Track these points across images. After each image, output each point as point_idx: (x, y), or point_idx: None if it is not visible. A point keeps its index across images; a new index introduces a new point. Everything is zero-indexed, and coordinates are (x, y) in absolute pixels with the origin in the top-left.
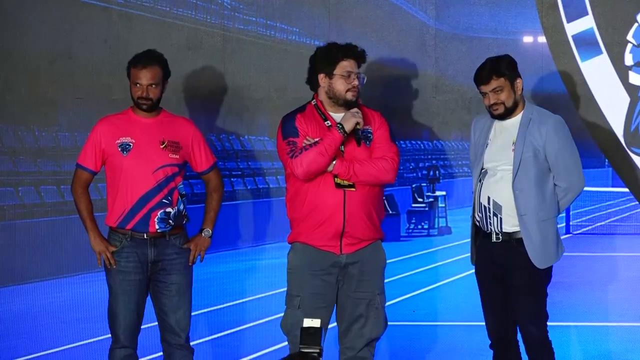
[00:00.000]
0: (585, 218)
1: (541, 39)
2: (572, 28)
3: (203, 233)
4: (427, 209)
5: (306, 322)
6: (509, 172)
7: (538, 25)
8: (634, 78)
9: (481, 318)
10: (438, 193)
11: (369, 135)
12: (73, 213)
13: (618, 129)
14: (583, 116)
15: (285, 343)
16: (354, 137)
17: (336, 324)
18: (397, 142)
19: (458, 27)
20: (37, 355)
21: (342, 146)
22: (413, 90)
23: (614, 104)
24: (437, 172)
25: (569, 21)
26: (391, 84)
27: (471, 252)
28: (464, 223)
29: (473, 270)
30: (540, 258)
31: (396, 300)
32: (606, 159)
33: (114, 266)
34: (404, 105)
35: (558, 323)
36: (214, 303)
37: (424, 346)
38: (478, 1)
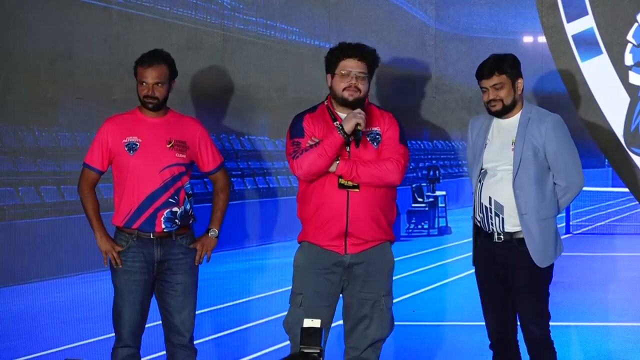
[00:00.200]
0: (585, 218)
1: (541, 39)
2: (572, 28)
3: (209, 233)
4: (427, 209)
5: (306, 322)
6: (509, 172)
7: (538, 25)
8: (634, 78)
9: (481, 318)
10: (438, 193)
11: (377, 136)
12: (73, 213)
13: (618, 129)
14: (583, 116)
15: (288, 342)
16: (354, 139)
17: (342, 323)
18: (408, 144)
19: (458, 27)
20: (37, 355)
21: (348, 147)
22: (413, 90)
23: (614, 104)
24: (437, 172)
25: (569, 21)
26: (391, 84)
27: (473, 253)
28: (464, 223)
29: (473, 270)
30: (541, 257)
31: (396, 300)
32: (606, 159)
33: (120, 266)
34: (404, 105)
35: (558, 323)
36: (218, 302)
37: (424, 346)
38: (478, 1)
